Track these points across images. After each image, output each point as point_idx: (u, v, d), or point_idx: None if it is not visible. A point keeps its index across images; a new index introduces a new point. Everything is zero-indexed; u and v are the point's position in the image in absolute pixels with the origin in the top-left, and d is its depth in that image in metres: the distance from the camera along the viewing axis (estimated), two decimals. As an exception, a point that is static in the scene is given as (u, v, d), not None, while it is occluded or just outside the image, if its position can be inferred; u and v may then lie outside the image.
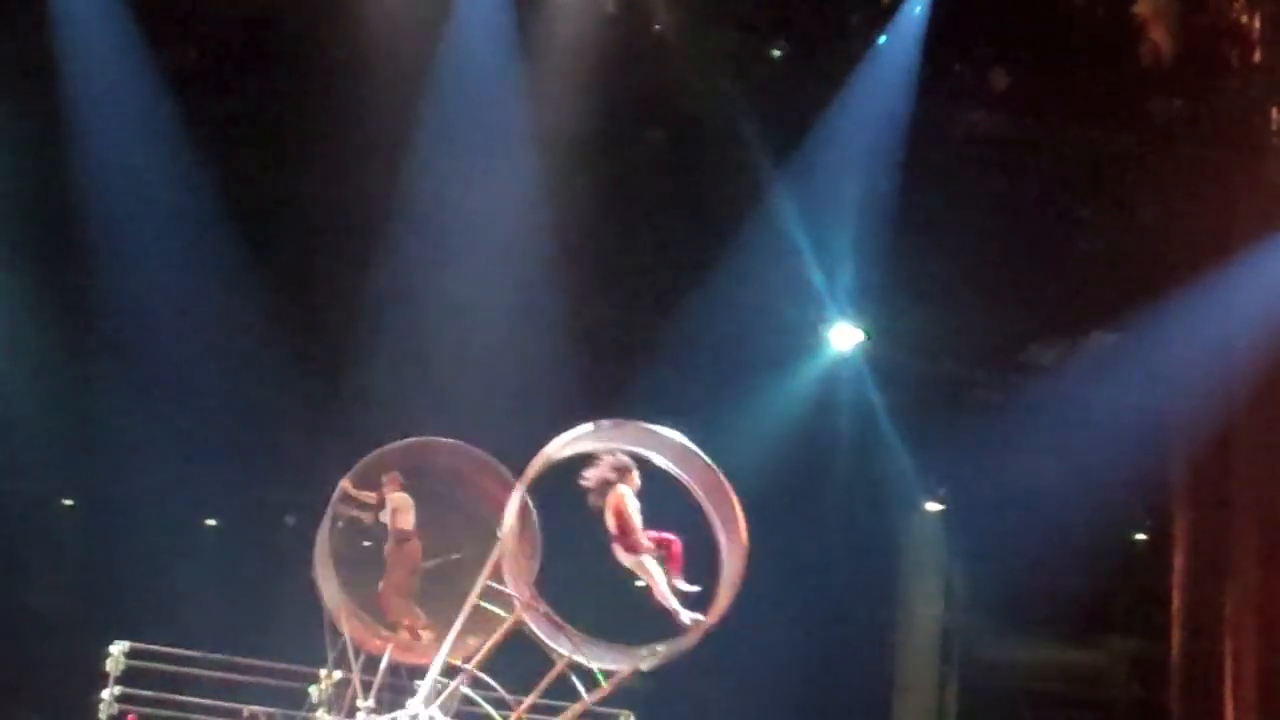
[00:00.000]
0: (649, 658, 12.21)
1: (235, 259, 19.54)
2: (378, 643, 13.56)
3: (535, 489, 12.50)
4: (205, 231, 19.41)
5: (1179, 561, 19.67)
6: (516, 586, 12.46)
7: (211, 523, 22.64)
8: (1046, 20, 19.40)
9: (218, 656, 14.65)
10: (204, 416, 20.29)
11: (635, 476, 12.49)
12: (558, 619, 12.30)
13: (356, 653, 13.51)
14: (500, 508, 12.67)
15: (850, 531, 22.54)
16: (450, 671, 12.64)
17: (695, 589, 12.22)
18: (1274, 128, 18.94)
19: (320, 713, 13.73)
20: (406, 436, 13.99)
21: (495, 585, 12.45)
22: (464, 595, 12.59)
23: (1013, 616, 22.92)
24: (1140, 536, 22.61)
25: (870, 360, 21.69)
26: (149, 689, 14.24)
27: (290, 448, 20.78)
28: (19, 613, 21.58)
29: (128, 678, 14.02)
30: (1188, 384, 19.04)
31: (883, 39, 19.64)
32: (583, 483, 12.37)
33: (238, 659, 14.61)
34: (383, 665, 13.35)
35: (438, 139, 19.24)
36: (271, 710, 14.31)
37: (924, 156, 19.63)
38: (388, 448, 13.88)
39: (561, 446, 12.32)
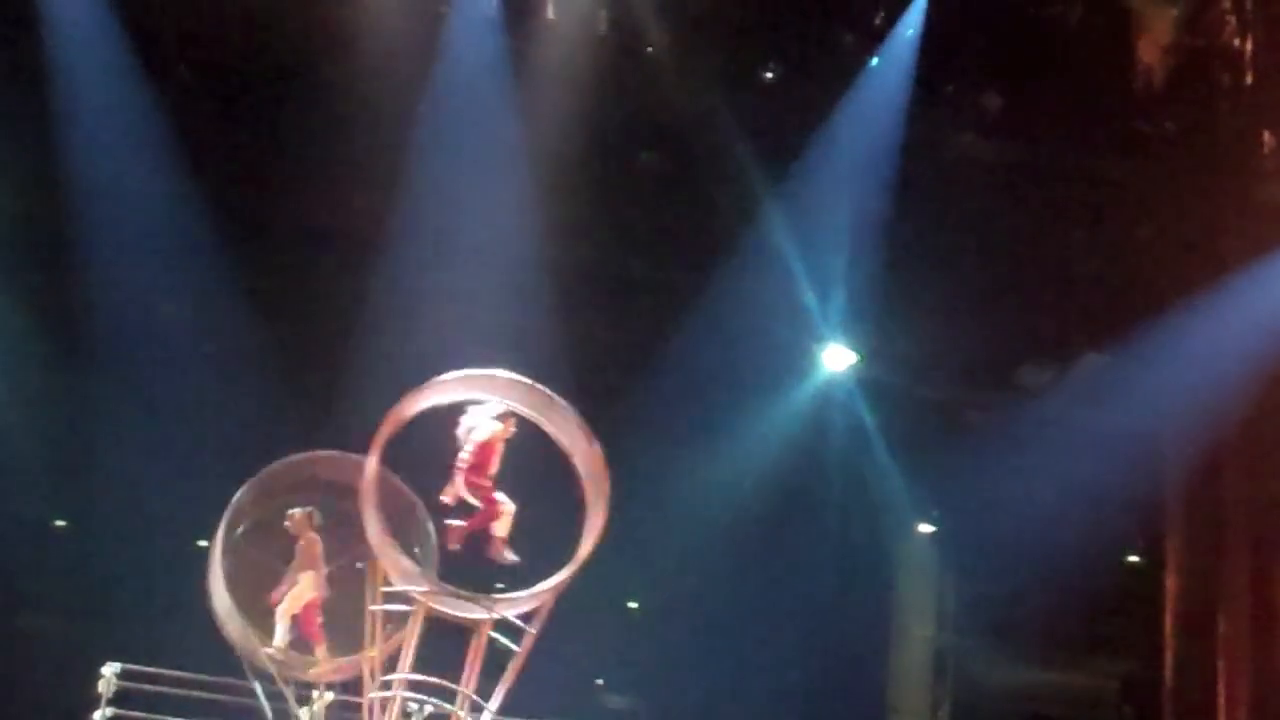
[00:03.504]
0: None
1: (228, 278, 19.54)
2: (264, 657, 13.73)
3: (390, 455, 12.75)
4: (198, 250, 19.40)
5: (1172, 583, 19.67)
6: (408, 580, 12.49)
7: (203, 544, 22.55)
8: (1039, 43, 19.48)
9: (210, 678, 14.62)
10: (197, 436, 20.26)
11: (512, 426, 12.66)
12: (465, 593, 12.41)
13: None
14: (398, 513, 12.88)
15: (843, 553, 22.50)
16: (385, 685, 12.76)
17: (516, 559, 12.50)
18: (1265, 150, 19.00)
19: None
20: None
21: (389, 590, 12.62)
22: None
23: (1006, 638, 22.88)
24: (1133, 558, 22.58)
25: (863, 382, 21.69)
26: (140, 711, 14.22)
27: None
28: (10, 634, 21.52)
29: (119, 699, 14.00)
30: (1180, 405, 19.05)
31: (875, 61, 19.68)
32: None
33: (230, 680, 14.57)
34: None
35: (430, 160, 19.25)
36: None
37: (916, 178, 19.66)
38: (281, 463, 14.23)
39: (415, 401, 12.58)
